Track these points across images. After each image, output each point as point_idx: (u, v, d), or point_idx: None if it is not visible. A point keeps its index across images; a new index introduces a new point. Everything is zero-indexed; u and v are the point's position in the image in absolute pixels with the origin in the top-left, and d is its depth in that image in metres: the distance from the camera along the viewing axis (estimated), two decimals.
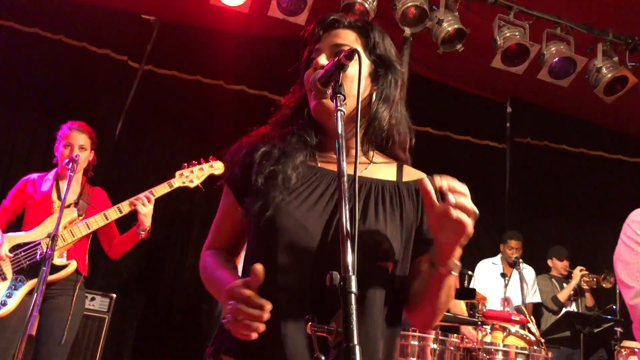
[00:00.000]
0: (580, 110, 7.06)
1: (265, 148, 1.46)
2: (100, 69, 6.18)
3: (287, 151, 1.44)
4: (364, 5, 5.06)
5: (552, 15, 5.54)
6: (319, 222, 1.38)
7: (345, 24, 1.57)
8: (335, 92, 1.32)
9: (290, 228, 1.35)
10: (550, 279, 6.24)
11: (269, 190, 1.37)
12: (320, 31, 1.56)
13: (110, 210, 3.60)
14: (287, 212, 1.36)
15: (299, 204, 1.38)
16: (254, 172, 1.42)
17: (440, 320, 3.37)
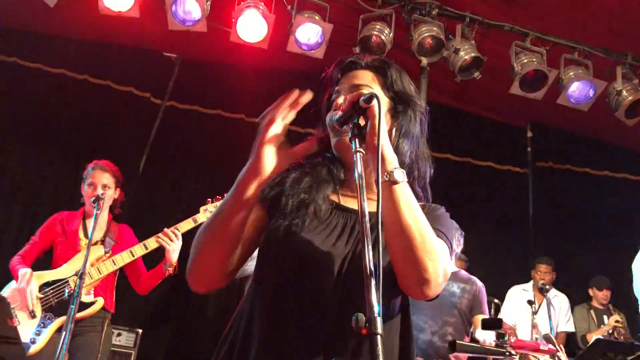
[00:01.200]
0: (603, 133, 7.00)
1: (295, 174, 1.50)
2: (124, 106, 6.34)
3: (318, 181, 1.49)
4: (380, 37, 5.13)
5: (569, 40, 5.55)
6: (338, 261, 1.39)
7: (362, 65, 1.61)
8: (354, 134, 1.35)
9: (314, 257, 1.37)
10: (588, 310, 6.12)
11: (299, 216, 1.41)
12: (339, 74, 1.60)
13: (136, 247, 3.65)
14: (313, 243, 1.38)
15: (323, 239, 1.40)
16: (286, 195, 1.45)
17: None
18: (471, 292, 4.29)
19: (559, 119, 6.79)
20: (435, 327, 4.09)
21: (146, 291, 3.81)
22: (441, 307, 4.19)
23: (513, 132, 7.50)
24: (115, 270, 3.68)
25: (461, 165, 7.28)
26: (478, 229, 6.86)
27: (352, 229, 1.46)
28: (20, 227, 5.68)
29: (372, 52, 5.14)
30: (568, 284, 6.37)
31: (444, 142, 7.06)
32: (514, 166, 7.48)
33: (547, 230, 7.11)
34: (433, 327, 4.12)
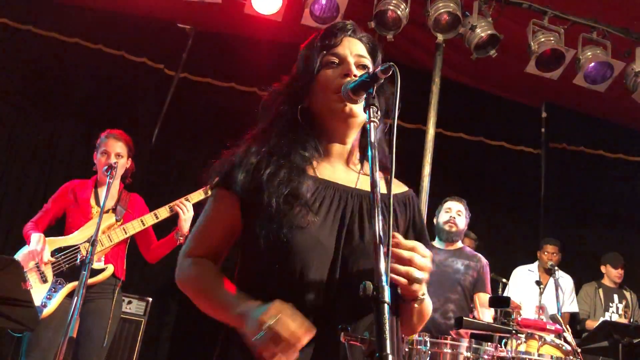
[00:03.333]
0: (619, 115, 6.92)
1: (270, 169, 1.43)
2: (137, 77, 6.34)
3: (296, 171, 1.44)
4: (396, 12, 5.07)
5: (588, 19, 5.45)
6: (331, 237, 1.40)
7: (361, 37, 1.60)
8: (369, 103, 1.35)
9: (307, 246, 1.36)
10: (597, 289, 6.07)
11: (286, 212, 1.37)
12: (342, 36, 1.56)
13: (147, 216, 3.69)
14: (303, 230, 1.37)
15: (311, 220, 1.39)
16: (267, 194, 1.39)
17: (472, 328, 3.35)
18: (475, 269, 4.29)
19: (575, 99, 6.72)
20: (438, 304, 4.09)
21: (156, 260, 3.85)
22: (444, 284, 4.20)
23: (527, 112, 7.43)
24: (126, 239, 3.72)
25: (474, 145, 7.24)
26: (488, 209, 6.86)
27: (339, 203, 1.45)
28: (34, 195, 5.74)
29: (387, 27, 5.11)
30: (577, 266, 6.36)
31: (456, 120, 7.02)
32: (527, 147, 7.42)
33: (558, 212, 7.09)
34: (435, 303, 4.12)
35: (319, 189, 1.46)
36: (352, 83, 1.42)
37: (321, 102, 1.52)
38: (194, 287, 1.49)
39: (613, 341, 4.89)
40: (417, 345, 3.48)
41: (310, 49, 1.57)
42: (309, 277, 1.35)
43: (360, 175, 1.56)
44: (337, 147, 1.56)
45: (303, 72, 1.57)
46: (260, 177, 1.42)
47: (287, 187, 1.40)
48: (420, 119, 5.71)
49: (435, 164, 5.18)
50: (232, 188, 1.46)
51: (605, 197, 7.16)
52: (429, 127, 5.22)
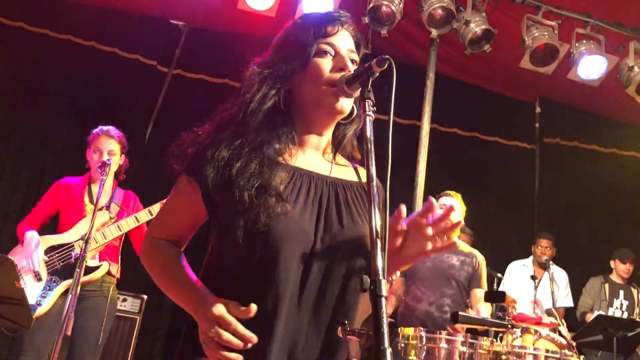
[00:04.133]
0: (612, 110, 6.94)
1: (241, 162, 1.38)
2: (130, 74, 6.31)
3: (269, 163, 1.40)
4: (390, 7, 5.06)
5: (581, 14, 5.46)
6: (311, 224, 1.39)
7: (352, 31, 1.56)
8: (365, 96, 1.34)
9: (290, 232, 1.34)
10: (603, 283, 6.07)
11: (259, 205, 1.33)
12: (337, 27, 1.52)
13: (141, 213, 3.67)
14: (285, 217, 1.34)
15: (291, 209, 1.37)
16: (238, 187, 1.35)
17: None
18: (471, 264, 4.30)
19: (569, 94, 6.73)
20: (433, 298, 4.10)
21: None
22: (439, 278, 4.20)
23: (521, 107, 7.44)
24: (121, 236, 3.70)
25: (468, 140, 7.25)
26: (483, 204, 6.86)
27: (315, 191, 1.44)
28: (27, 193, 5.71)
29: (381, 23, 5.10)
30: (571, 260, 6.38)
31: (451, 116, 7.02)
32: (521, 142, 7.44)
33: (553, 207, 7.11)
34: (430, 297, 4.14)
35: (294, 177, 1.44)
36: (348, 76, 1.42)
37: (310, 92, 1.48)
38: (155, 267, 1.51)
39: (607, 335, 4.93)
40: (413, 340, 3.48)
41: (302, 32, 1.51)
42: (291, 264, 1.33)
43: (333, 164, 1.55)
44: (313, 138, 1.54)
45: (294, 55, 1.49)
46: (229, 172, 1.38)
47: (257, 179, 1.36)
48: (415, 115, 5.72)
49: (430, 159, 5.18)
50: (195, 178, 1.42)
51: (599, 191, 7.18)
52: (424, 122, 5.22)
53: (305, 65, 1.48)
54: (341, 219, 1.42)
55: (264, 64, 1.52)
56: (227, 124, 1.49)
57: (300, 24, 1.54)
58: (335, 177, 1.51)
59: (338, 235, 1.39)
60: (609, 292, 6.01)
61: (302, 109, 1.51)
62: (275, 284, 1.31)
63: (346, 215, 1.43)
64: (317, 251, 1.37)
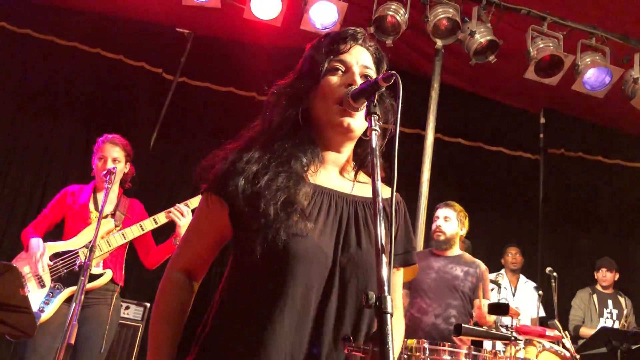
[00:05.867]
0: (617, 122, 6.93)
1: (269, 175, 1.40)
2: (135, 81, 6.34)
3: (295, 178, 1.41)
4: (395, 17, 5.07)
5: (586, 25, 5.47)
6: (330, 244, 1.40)
7: (369, 47, 1.57)
8: (370, 111, 1.34)
9: (309, 253, 1.35)
10: (591, 294, 6.08)
11: (284, 220, 1.34)
12: (351, 43, 1.53)
13: (146, 221, 3.68)
14: (304, 237, 1.35)
15: (310, 227, 1.37)
16: (265, 200, 1.36)
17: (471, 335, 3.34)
18: (475, 275, 4.29)
19: (573, 105, 6.73)
20: (439, 310, 4.10)
21: (154, 265, 3.83)
22: (444, 290, 4.20)
23: (526, 118, 7.44)
24: (125, 244, 3.71)
25: (472, 150, 7.24)
26: (487, 215, 6.86)
27: (336, 210, 1.45)
28: (31, 198, 5.73)
29: (387, 33, 5.11)
30: (576, 271, 6.36)
31: (455, 126, 7.02)
32: (525, 152, 7.43)
33: (556, 217, 7.08)
34: (437, 309, 4.13)
35: (316, 195, 1.44)
36: (353, 90, 1.42)
37: (321, 110, 1.49)
38: (160, 309, 1.51)
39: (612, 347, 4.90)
40: (416, 352, 3.46)
41: (316, 51, 1.53)
42: (310, 285, 1.34)
43: (354, 182, 1.55)
44: (332, 155, 1.54)
45: (308, 73, 1.52)
46: (257, 184, 1.39)
47: (284, 194, 1.37)
48: (419, 124, 5.72)
49: (434, 169, 5.19)
50: (222, 195, 1.43)
51: (603, 203, 7.17)
52: (428, 132, 5.22)
53: (317, 84, 1.49)
54: (360, 240, 1.42)
55: (284, 83, 1.56)
56: (252, 141, 1.51)
57: (317, 43, 1.56)
58: (355, 195, 1.51)
59: (356, 256, 1.39)
60: (597, 302, 6.02)
61: (318, 127, 1.52)
62: (293, 305, 1.31)
63: (365, 235, 1.43)
64: (335, 273, 1.37)
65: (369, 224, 1.46)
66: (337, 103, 1.46)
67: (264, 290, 1.35)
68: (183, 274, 1.53)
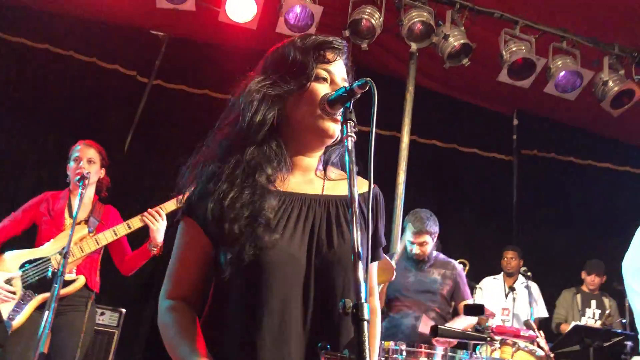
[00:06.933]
0: (588, 123, 7.06)
1: (233, 193, 1.39)
2: (109, 84, 6.25)
3: (259, 190, 1.40)
4: (370, 21, 5.10)
5: (558, 29, 5.56)
6: (303, 248, 1.40)
7: (345, 61, 1.57)
8: (346, 118, 1.36)
9: (280, 262, 1.35)
10: (575, 294, 6.19)
11: (249, 235, 1.34)
12: (336, 56, 1.53)
13: (120, 227, 3.62)
14: (273, 247, 1.35)
15: (281, 234, 1.38)
16: (228, 221, 1.36)
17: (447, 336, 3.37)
18: (451, 277, 4.36)
19: (545, 107, 6.83)
20: (419, 313, 4.13)
21: (130, 271, 3.78)
22: (424, 293, 4.25)
23: (499, 120, 7.53)
24: (100, 250, 3.65)
25: (447, 152, 7.31)
26: (462, 216, 6.93)
27: (307, 214, 1.45)
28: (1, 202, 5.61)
29: (362, 36, 5.13)
30: (548, 270, 6.45)
31: (430, 128, 7.08)
32: (499, 153, 7.53)
33: (530, 218, 7.19)
34: (416, 312, 4.17)
35: (285, 203, 1.44)
36: (330, 97, 1.43)
37: (305, 115, 1.48)
38: (165, 336, 1.41)
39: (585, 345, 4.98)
40: (393, 354, 3.48)
41: (302, 54, 1.50)
42: (287, 293, 1.34)
43: (325, 181, 1.55)
44: (304, 160, 1.54)
45: (293, 76, 1.48)
46: (223, 203, 1.39)
47: (247, 210, 1.37)
48: (395, 127, 5.75)
49: (410, 171, 5.22)
50: (196, 218, 1.43)
51: (575, 202, 7.29)
52: (404, 134, 5.25)
53: (303, 88, 1.47)
54: (331, 239, 1.42)
55: (262, 81, 1.50)
56: (228, 147, 1.49)
57: (301, 45, 1.52)
58: (327, 195, 1.51)
59: (328, 256, 1.40)
60: (581, 302, 6.14)
61: (294, 131, 1.51)
62: (273, 318, 1.32)
63: (336, 234, 1.43)
64: (311, 276, 1.38)
65: (341, 222, 1.46)
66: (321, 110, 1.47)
67: (241, 305, 1.36)
68: (180, 301, 1.46)
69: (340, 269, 1.39)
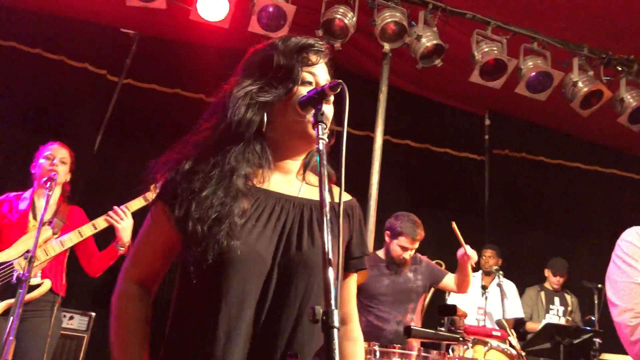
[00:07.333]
0: (558, 123, 7.16)
1: (206, 192, 1.37)
2: (79, 83, 6.14)
3: (233, 195, 1.39)
4: (343, 21, 5.08)
5: (529, 30, 5.62)
6: (270, 247, 1.39)
7: (328, 63, 1.58)
8: (317, 120, 1.34)
9: (244, 255, 1.34)
10: (539, 292, 6.28)
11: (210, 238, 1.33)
12: (319, 59, 1.53)
13: (85, 227, 3.53)
14: (235, 246, 1.33)
15: (250, 229, 1.37)
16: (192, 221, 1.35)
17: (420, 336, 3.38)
18: (421, 271, 4.40)
19: (517, 108, 6.91)
20: (400, 317, 4.17)
21: (98, 273, 3.69)
22: (401, 296, 4.28)
23: (471, 120, 7.60)
24: (65, 252, 3.56)
25: (420, 152, 7.35)
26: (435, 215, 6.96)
27: (280, 214, 1.44)
28: None
29: (335, 36, 5.11)
30: (519, 269, 6.53)
31: (404, 128, 7.11)
32: (471, 153, 7.60)
33: (502, 217, 7.26)
34: (397, 317, 4.19)
35: (259, 200, 1.43)
36: (301, 98, 1.42)
37: (292, 121, 1.46)
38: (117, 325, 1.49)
39: (555, 343, 5.06)
40: (367, 355, 3.47)
41: (287, 58, 1.48)
42: (246, 289, 1.33)
43: (303, 184, 1.54)
44: (288, 163, 1.54)
45: (279, 81, 1.47)
46: (194, 201, 1.37)
47: (215, 211, 1.35)
48: (368, 127, 5.75)
49: (384, 171, 5.22)
50: (170, 205, 1.41)
51: (546, 201, 7.39)
52: (377, 134, 5.25)
53: (290, 93, 1.46)
54: (300, 241, 1.41)
55: (248, 86, 1.48)
56: (203, 146, 1.46)
57: (284, 49, 1.50)
58: (303, 198, 1.50)
59: (295, 258, 1.38)
60: (545, 300, 6.23)
61: (280, 135, 1.49)
62: (228, 311, 1.30)
63: (307, 237, 1.42)
64: (273, 276, 1.36)
65: (314, 226, 1.45)
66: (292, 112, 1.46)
67: (202, 300, 1.35)
68: (138, 286, 1.50)
69: (305, 273, 1.38)
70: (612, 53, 5.74)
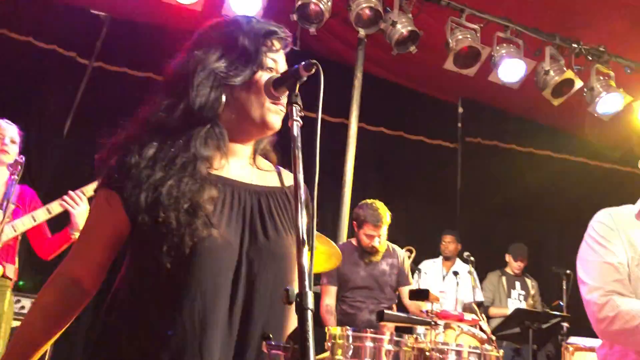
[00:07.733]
0: (530, 111, 7.25)
1: (171, 181, 1.32)
2: (47, 66, 5.98)
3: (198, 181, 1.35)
4: (319, 5, 5.05)
5: (502, 18, 5.66)
6: (236, 237, 1.37)
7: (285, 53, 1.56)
8: (291, 101, 1.32)
9: (217, 246, 1.32)
10: (500, 277, 6.39)
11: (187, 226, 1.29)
12: (282, 46, 1.52)
13: (39, 212, 3.36)
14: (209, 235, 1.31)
15: (217, 220, 1.35)
16: (164, 209, 1.29)
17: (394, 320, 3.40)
18: (396, 265, 4.41)
19: (489, 96, 6.97)
20: (372, 306, 4.20)
21: (50, 255, 3.49)
22: (375, 287, 4.31)
23: (445, 108, 7.65)
24: (17, 236, 3.40)
25: (394, 139, 7.37)
26: (408, 202, 7.01)
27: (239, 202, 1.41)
28: None
29: (310, 21, 5.08)
30: (490, 256, 6.62)
31: (378, 115, 7.11)
32: (444, 141, 7.65)
33: (473, 205, 7.34)
34: (370, 306, 4.22)
35: (219, 188, 1.40)
36: (275, 78, 1.41)
37: (252, 105, 1.44)
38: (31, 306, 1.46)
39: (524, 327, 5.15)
40: (340, 339, 3.49)
41: (251, 41, 1.45)
42: (218, 279, 1.31)
43: (254, 169, 1.53)
44: (240, 147, 1.51)
45: (244, 61, 1.43)
46: (158, 190, 1.32)
47: (187, 201, 1.31)
48: (343, 113, 5.75)
49: (358, 158, 5.23)
50: (119, 191, 1.35)
51: (517, 189, 7.49)
52: (352, 121, 5.25)
53: (254, 77, 1.44)
54: (266, 230, 1.40)
55: (211, 64, 1.43)
56: (156, 127, 1.41)
57: (247, 30, 1.47)
58: (257, 185, 1.48)
59: (264, 247, 1.38)
60: (506, 284, 6.35)
61: (237, 118, 1.46)
62: (202, 301, 1.28)
63: (271, 226, 1.41)
64: (243, 264, 1.35)
65: (274, 214, 1.44)
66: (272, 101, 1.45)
67: (167, 292, 1.31)
68: (72, 282, 1.41)
69: (274, 261, 1.38)
70: (583, 43, 5.82)
